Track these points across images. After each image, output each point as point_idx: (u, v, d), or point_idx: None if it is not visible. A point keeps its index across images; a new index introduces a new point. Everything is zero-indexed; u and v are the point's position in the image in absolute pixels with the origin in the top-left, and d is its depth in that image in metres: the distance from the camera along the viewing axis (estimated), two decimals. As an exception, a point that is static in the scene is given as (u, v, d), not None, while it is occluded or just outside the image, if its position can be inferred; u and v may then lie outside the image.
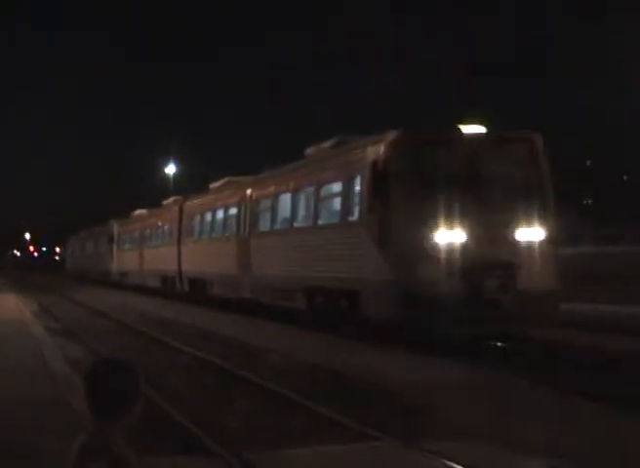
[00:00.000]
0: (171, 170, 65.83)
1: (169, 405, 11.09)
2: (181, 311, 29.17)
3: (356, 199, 18.01)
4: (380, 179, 16.56)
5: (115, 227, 52.46)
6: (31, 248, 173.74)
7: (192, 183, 52.54)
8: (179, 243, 34.01)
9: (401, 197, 16.29)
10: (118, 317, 27.11)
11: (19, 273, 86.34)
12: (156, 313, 28.53)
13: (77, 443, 2.83)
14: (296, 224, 21.51)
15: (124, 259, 48.80)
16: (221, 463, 8.15)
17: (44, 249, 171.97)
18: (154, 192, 60.92)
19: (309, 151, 21.85)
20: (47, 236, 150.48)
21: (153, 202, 48.57)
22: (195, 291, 31.68)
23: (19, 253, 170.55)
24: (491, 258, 16.00)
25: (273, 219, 23.20)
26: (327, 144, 20.68)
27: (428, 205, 16.03)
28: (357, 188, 17.92)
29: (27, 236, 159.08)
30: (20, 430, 8.98)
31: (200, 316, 26.47)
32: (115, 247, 51.61)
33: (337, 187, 19.03)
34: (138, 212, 48.56)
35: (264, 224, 24.03)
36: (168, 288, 36.48)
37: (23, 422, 9.42)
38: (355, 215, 17.96)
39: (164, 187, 61.95)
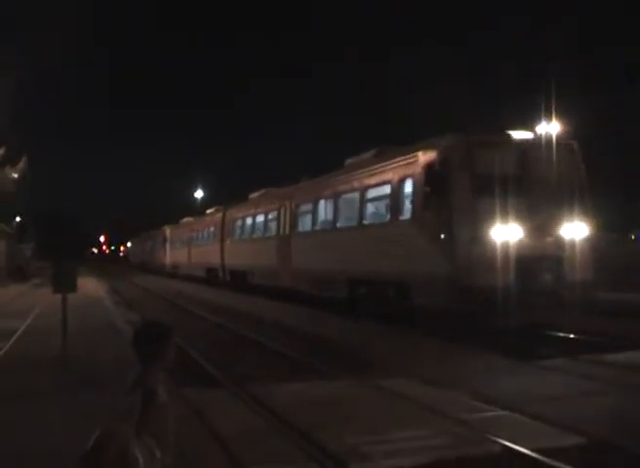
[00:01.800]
0: (199, 194, 62.20)
1: (195, 353, 11.01)
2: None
3: (407, 199, 13.36)
4: (436, 180, 12.01)
5: (168, 231, 47.75)
6: (104, 247, 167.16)
7: (211, 202, 48.06)
8: (222, 241, 29.17)
9: (458, 195, 11.73)
10: (165, 296, 26.15)
11: (96, 264, 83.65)
12: (196, 294, 26.43)
13: (129, 379, 2.71)
14: (338, 224, 16.74)
15: (175, 255, 43.79)
16: (231, 393, 8.03)
17: (112, 248, 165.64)
18: (184, 207, 58.02)
19: (350, 161, 17.08)
20: (115, 237, 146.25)
21: (188, 213, 45.55)
22: (236, 280, 26.87)
23: (95, 251, 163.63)
24: (542, 252, 11.77)
25: (314, 221, 18.38)
26: (369, 154, 15.97)
27: (483, 203, 11.60)
28: (408, 190, 13.28)
29: (102, 238, 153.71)
30: (102, 363, 9.46)
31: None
32: (168, 245, 46.77)
33: (384, 190, 14.30)
34: (185, 219, 43.98)
35: (305, 225, 19.18)
36: (212, 277, 31.60)
37: (104, 357, 9.94)
38: (407, 214, 13.28)
39: (191, 204, 59.20)
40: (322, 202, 17.97)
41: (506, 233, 11.45)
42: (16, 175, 39.35)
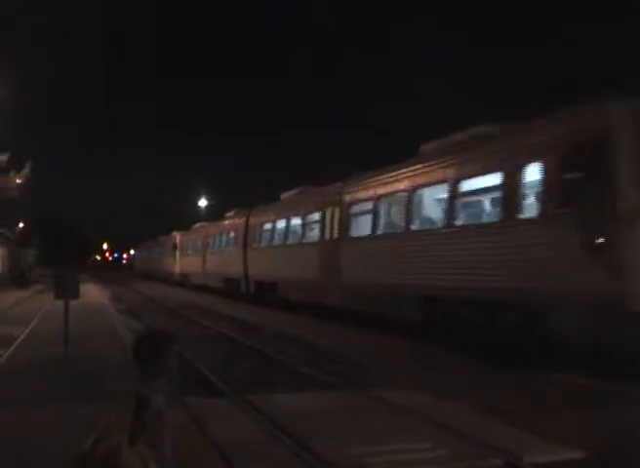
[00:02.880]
0: (202, 202, 59.49)
1: (197, 362, 10.37)
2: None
3: (531, 191, 9.92)
4: (589, 164, 8.57)
5: (178, 237, 44.23)
6: (107, 254, 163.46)
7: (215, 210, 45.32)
8: (244, 248, 25.66)
9: (627, 185, 8.26)
10: (167, 304, 25.17)
11: (99, 272, 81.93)
12: (207, 305, 24.47)
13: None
14: (413, 227, 13.24)
15: (186, 263, 40.20)
16: (231, 402, 7.76)
17: (116, 255, 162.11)
18: (189, 215, 55.59)
19: (429, 147, 13.51)
20: (118, 245, 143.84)
21: (193, 220, 43.66)
22: (263, 292, 23.28)
23: (99, 258, 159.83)
24: None
25: (375, 223, 14.84)
26: (458, 137, 12.45)
27: None
28: (532, 178, 9.81)
29: (105, 246, 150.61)
30: (102, 370, 9.15)
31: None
32: (178, 253, 43.23)
33: (491, 180, 10.81)
34: (199, 224, 40.42)
35: (362, 228, 15.59)
36: (232, 288, 27.87)
37: (104, 364, 9.70)
38: (532, 211, 9.79)
39: (195, 212, 56.78)
40: (387, 199, 14.47)
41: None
42: (19, 181, 37.55)
